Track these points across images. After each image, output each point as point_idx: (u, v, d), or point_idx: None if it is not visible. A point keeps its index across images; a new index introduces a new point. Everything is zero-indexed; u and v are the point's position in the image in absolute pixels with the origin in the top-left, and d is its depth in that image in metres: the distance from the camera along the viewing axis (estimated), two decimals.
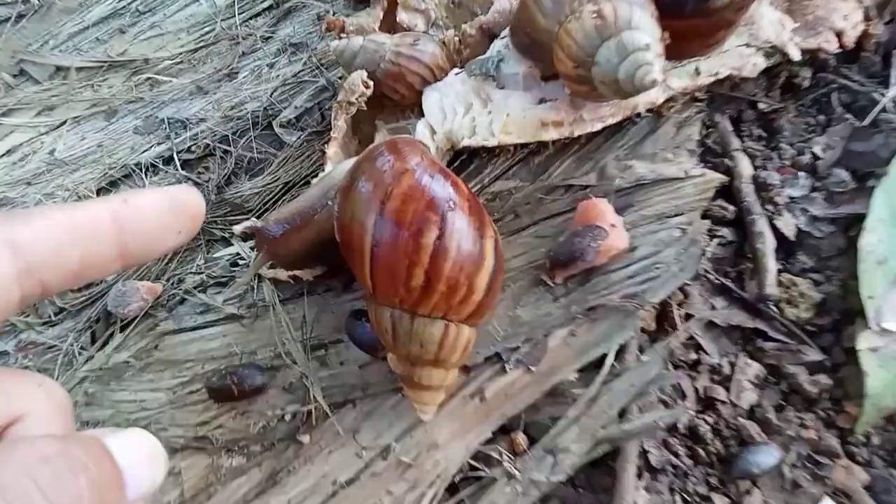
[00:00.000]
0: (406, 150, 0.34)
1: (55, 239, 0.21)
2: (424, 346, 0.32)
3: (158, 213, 0.23)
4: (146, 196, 0.23)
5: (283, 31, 0.50)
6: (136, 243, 0.23)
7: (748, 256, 0.44)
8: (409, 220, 0.30)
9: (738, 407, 0.40)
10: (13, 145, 0.46)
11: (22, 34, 0.50)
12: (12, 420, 0.21)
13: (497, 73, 0.42)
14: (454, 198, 0.31)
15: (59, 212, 0.22)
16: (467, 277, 0.31)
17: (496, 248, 0.33)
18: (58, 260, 0.21)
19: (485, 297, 0.32)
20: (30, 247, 0.20)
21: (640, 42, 0.35)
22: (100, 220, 0.22)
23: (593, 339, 0.38)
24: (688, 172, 0.41)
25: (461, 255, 0.31)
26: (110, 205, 0.22)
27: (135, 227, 0.23)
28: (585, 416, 0.36)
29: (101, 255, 0.22)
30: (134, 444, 0.21)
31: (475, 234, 0.31)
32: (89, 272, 0.22)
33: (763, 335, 0.41)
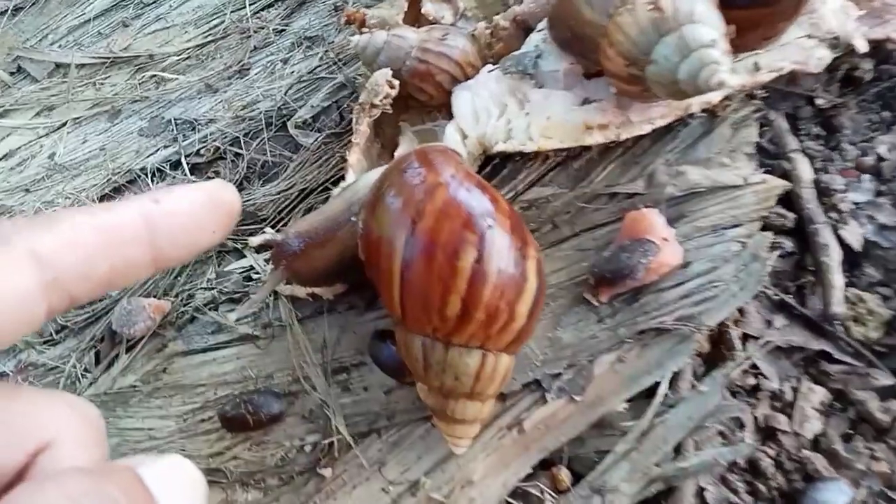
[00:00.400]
0: (438, 160, 0.30)
1: (83, 246, 0.20)
2: (459, 378, 0.29)
3: (193, 211, 0.22)
4: (179, 193, 0.22)
5: (298, 23, 0.46)
6: (169, 245, 0.21)
7: (810, 269, 0.40)
8: (445, 241, 0.27)
9: (801, 437, 0.36)
10: (11, 149, 0.44)
11: (19, 28, 0.47)
12: (41, 447, 0.19)
13: (535, 70, 0.38)
14: (493, 214, 0.28)
15: (86, 215, 0.20)
16: (508, 304, 0.28)
17: (538, 269, 0.29)
18: (87, 269, 0.20)
19: (526, 324, 0.29)
20: (56, 256, 0.19)
21: (704, 38, 0.31)
22: (131, 223, 0.20)
23: (644, 366, 0.34)
24: (747, 179, 0.37)
25: (502, 279, 0.27)
26: (141, 205, 0.21)
27: (168, 229, 0.21)
28: (636, 452, 0.33)
29: (133, 261, 0.21)
30: (172, 474, 0.20)
31: (517, 254, 0.28)
32: (120, 280, 0.21)
33: (828, 357, 0.38)
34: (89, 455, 0.20)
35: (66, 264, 0.19)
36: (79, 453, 0.20)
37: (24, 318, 0.19)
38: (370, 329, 0.36)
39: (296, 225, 0.33)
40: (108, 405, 0.36)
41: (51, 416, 0.20)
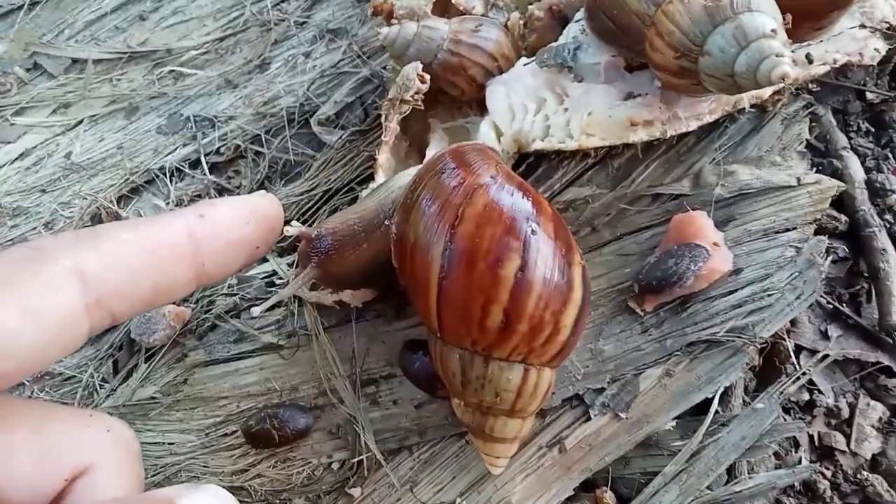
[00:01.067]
0: (477, 160, 0.28)
1: (128, 265, 0.20)
2: (500, 394, 0.27)
3: (237, 226, 0.22)
4: (223, 208, 0.22)
5: (320, 14, 0.44)
6: (213, 262, 0.21)
7: (864, 275, 0.37)
8: (486, 248, 0.25)
9: (859, 456, 0.34)
10: (27, 148, 0.42)
11: (35, 23, 0.45)
12: (78, 473, 0.19)
13: (574, 63, 0.36)
14: (537, 218, 0.26)
15: (131, 232, 0.20)
16: (553, 315, 0.26)
17: (584, 276, 0.27)
18: (131, 288, 0.20)
19: (571, 335, 0.27)
20: (101, 276, 0.19)
21: (765, 27, 0.28)
22: (176, 241, 0.21)
23: (693, 381, 0.32)
24: (801, 179, 0.35)
25: (547, 288, 0.25)
26: (186, 221, 0.21)
27: (212, 245, 0.21)
28: (686, 474, 0.31)
29: (177, 279, 0.21)
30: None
31: (562, 261, 0.26)
32: (162, 298, 0.21)
33: (887, 371, 0.36)
34: (126, 482, 0.20)
35: (111, 284, 0.19)
36: (116, 480, 0.19)
37: (68, 338, 0.19)
38: (400, 339, 0.34)
39: (328, 222, 0.31)
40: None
41: (88, 440, 0.20)
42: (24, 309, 0.17)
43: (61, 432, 0.19)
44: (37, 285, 0.18)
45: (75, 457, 0.19)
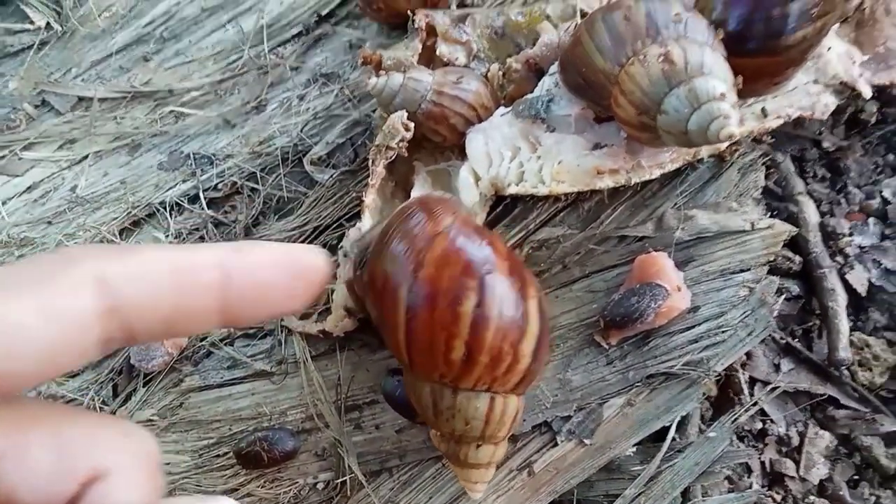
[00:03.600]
0: (438, 209, 0.32)
1: (150, 280, 0.19)
2: (470, 423, 0.30)
3: (274, 271, 0.21)
4: (263, 249, 0.21)
5: (314, 59, 0.48)
6: (241, 301, 0.20)
7: (816, 313, 0.41)
8: (446, 288, 0.29)
9: (807, 482, 0.37)
10: (34, 181, 0.45)
11: (44, 62, 0.49)
12: (94, 477, 0.19)
13: (547, 114, 0.40)
14: (492, 259, 0.30)
15: (159, 252, 0.20)
16: (512, 345, 0.29)
17: (540, 309, 0.31)
18: (150, 303, 0.19)
19: (532, 364, 0.30)
20: (121, 284, 0.18)
21: (714, 91, 0.32)
22: (204, 267, 0.20)
23: (653, 410, 0.35)
24: (754, 224, 0.39)
25: (503, 321, 0.29)
26: (219, 252, 0.20)
27: (243, 283, 0.20)
28: (645, 496, 0.34)
29: (200, 308, 0.20)
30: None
31: (517, 296, 0.29)
32: (183, 325, 0.20)
33: (834, 402, 0.39)
34: (142, 490, 0.19)
35: (129, 294, 0.19)
36: (132, 487, 0.19)
37: (79, 341, 0.18)
38: (383, 367, 0.37)
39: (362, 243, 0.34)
40: None
41: (105, 442, 0.19)
42: (39, 307, 0.17)
43: (79, 435, 0.19)
44: (55, 286, 0.17)
45: (92, 460, 0.19)
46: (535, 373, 0.31)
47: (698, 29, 0.35)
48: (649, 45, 0.34)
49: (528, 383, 0.31)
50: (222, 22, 0.49)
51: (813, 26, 0.37)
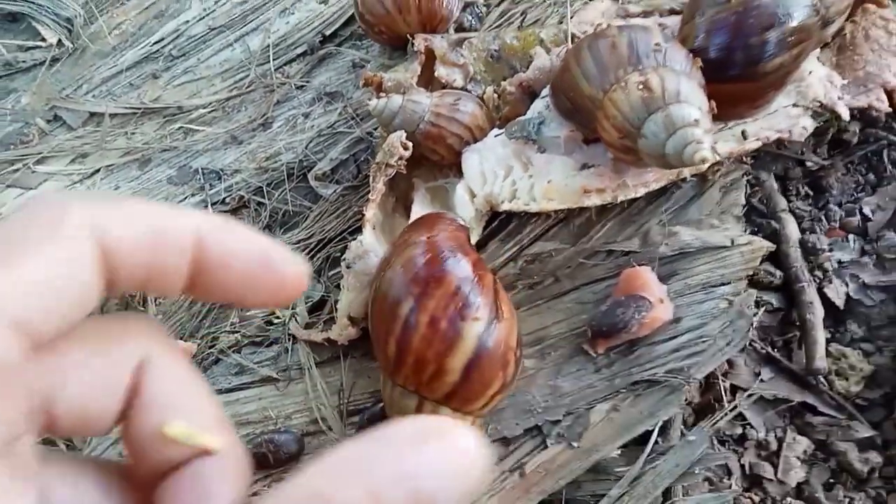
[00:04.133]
0: (425, 225, 0.38)
1: (135, 229, 0.19)
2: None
3: (246, 260, 0.21)
4: (243, 236, 0.21)
5: (318, 78, 0.52)
6: (208, 276, 0.21)
7: (796, 325, 0.45)
8: (396, 290, 0.34)
9: (785, 485, 0.41)
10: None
11: (56, 78, 0.54)
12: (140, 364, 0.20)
13: (538, 136, 0.44)
14: (471, 278, 0.35)
15: (144, 205, 0.20)
16: (436, 356, 0.33)
17: (485, 335, 0.33)
18: (131, 254, 0.19)
19: (462, 381, 0.33)
20: (110, 231, 0.19)
21: (688, 117, 0.37)
22: (182, 230, 0.20)
23: (637, 415, 0.39)
24: (734, 240, 0.43)
25: (431, 331, 0.33)
26: (200, 221, 0.20)
27: (214, 259, 0.21)
28: (628, 496, 0.38)
29: (171, 268, 0.20)
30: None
31: (454, 314, 0.33)
32: (155, 283, 0.21)
33: (812, 409, 0.43)
34: (182, 367, 0.20)
35: (115, 241, 0.19)
36: (173, 366, 0.20)
37: (85, 290, 0.19)
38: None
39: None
40: None
41: (139, 335, 0.20)
42: (58, 261, 0.18)
43: (114, 328, 0.20)
44: (60, 238, 0.18)
45: (134, 350, 0.20)
46: (473, 393, 0.34)
47: (676, 58, 0.39)
48: (630, 73, 0.39)
49: (466, 401, 0.34)
50: (230, 41, 0.54)
51: (790, 53, 0.42)
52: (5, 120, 0.51)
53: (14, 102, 0.51)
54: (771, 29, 0.40)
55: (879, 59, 0.49)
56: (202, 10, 0.54)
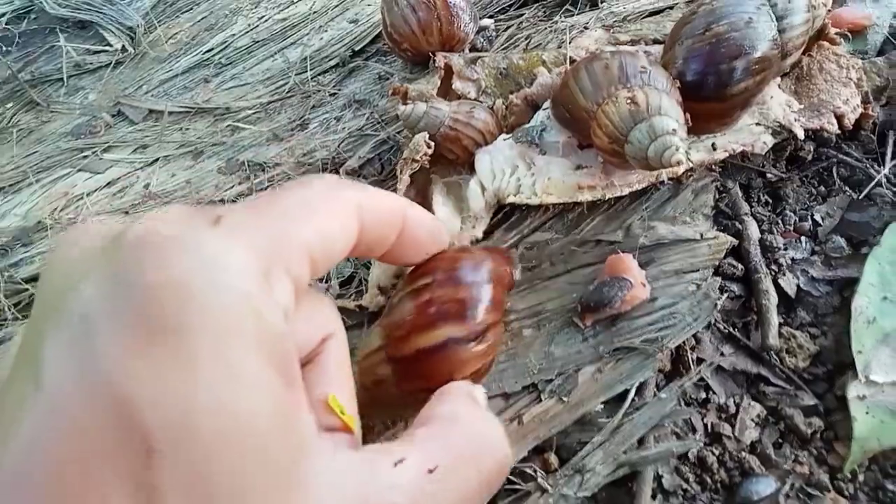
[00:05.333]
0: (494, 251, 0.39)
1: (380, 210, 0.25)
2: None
3: (427, 234, 0.28)
4: (427, 215, 0.28)
5: (349, 87, 0.58)
6: (398, 245, 0.26)
7: (754, 310, 0.50)
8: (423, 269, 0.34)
9: (741, 442, 0.45)
10: (112, 178, 0.54)
11: (119, 79, 0.58)
12: (327, 336, 0.24)
13: (540, 140, 0.50)
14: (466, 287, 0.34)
15: (380, 191, 0.25)
16: (411, 327, 0.33)
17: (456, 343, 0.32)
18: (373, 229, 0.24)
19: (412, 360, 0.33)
20: (364, 211, 0.24)
21: (668, 127, 0.42)
22: (397, 211, 0.26)
23: (617, 377, 0.44)
24: (703, 235, 0.48)
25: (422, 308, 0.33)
26: (405, 204, 0.26)
27: (406, 233, 0.26)
28: (609, 443, 0.42)
29: (385, 240, 0.26)
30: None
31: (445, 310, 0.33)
32: (373, 250, 0.26)
33: (765, 380, 0.46)
34: (344, 350, 0.26)
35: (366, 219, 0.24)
36: (342, 348, 0.26)
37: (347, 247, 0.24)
38: None
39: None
40: None
41: (330, 313, 0.26)
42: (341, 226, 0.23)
43: (317, 306, 0.24)
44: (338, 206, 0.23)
45: (327, 325, 0.24)
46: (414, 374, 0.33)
47: (659, 79, 0.44)
48: (620, 90, 0.44)
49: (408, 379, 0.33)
50: (271, 52, 0.59)
51: (753, 79, 0.46)
52: (75, 113, 0.56)
53: (83, 98, 0.56)
54: (738, 58, 0.44)
55: (831, 88, 0.54)
56: (247, 25, 0.59)
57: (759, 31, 0.44)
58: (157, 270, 0.17)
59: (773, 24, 0.45)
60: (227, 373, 0.17)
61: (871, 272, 0.48)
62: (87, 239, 0.19)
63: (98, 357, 0.16)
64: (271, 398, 0.18)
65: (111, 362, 0.16)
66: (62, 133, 0.55)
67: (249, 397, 0.17)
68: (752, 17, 0.44)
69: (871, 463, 0.43)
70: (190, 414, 0.16)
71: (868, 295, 0.47)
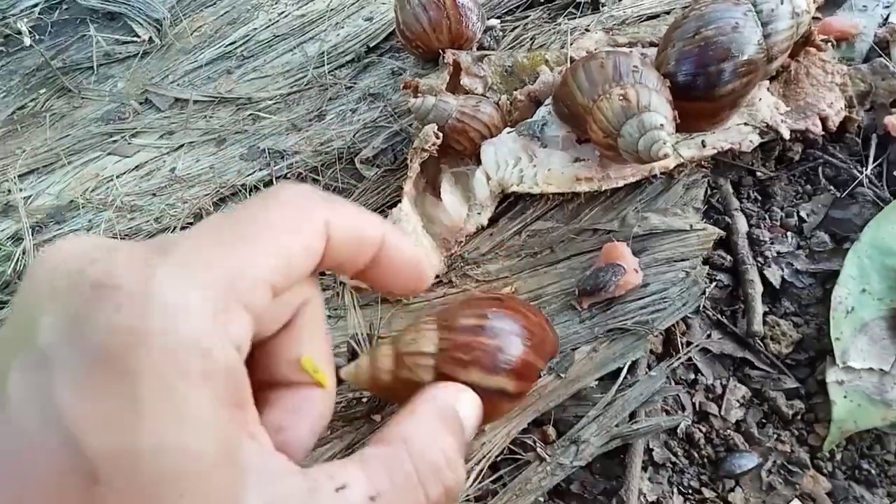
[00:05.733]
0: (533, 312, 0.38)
1: (349, 230, 0.23)
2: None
3: (406, 264, 0.26)
4: (408, 246, 0.26)
5: (364, 81, 0.60)
6: (375, 269, 0.25)
7: (740, 299, 0.52)
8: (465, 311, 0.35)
9: (727, 421, 0.46)
10: (140, 162, 0.56)
11: (146, 69, 0.61)
12: (305, 301, 0.24)
13: (541, 134, 0.52)
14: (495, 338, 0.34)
15: (352, 208, 0.24)
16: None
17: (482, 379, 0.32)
18: (341, 247, 0.23)
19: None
20: (333, 230, 0.23)
21: (656, 122, 0.44)
22: (374, 235, 0.25)
23: (611, 356, 0.46)
24: (693, 226, 0.50)
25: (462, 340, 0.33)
26: (386, 229, 0.25)
27: (385, 258, 0.25)
28: (603, 416, 0.44)
29: (358, 260, 0.24)
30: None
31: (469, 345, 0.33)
32: (344, 268, 0.25)
33: (750, 364, 0.48)
34: (320, 317, 0.26)
35: (334, 237, 0.23)
36: (318, 314, 0.25)
37: (310, 266, 0.22)
38: (411, 317, 0.48)
39: None
40: None
41: (309, 280, 0.24)
42: (304, 246, 0.22)
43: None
44: (306, 228, 0.22)
45: (301, 292, 0.23)
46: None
47: (650, 78, 0.45)
48: (614, 87, 0.45)
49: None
50: (291, 47, 0.61)
51: (740, 81, 0.47)
52: (105, 100, 0.58)
53: (112, 86, 0.58)
54: (726, 61, 0.45)
55: (817, 93, 0.55)
56: (268, 20, 0.62)
57: (745, 35, 0.46)
58: (109, 314, 0.18)
59: (759, 30, 0.47)
60: (172, 414, 0.17)
61: (852, 265, 0.49)
62: (58, 266, 0.19)
63: (53, 391, 0.17)
64: (214, 434, 0.18)
65: (64, 399, 0.17)
66: (92, 118, 0.58)
67: (192, 435, 0.18)
68: (738, 23, 0.46)
69: (849, 443, 0.45)
70: (134, 453, 0.17)
71: (848, 286, 0.49)
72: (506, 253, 0.51)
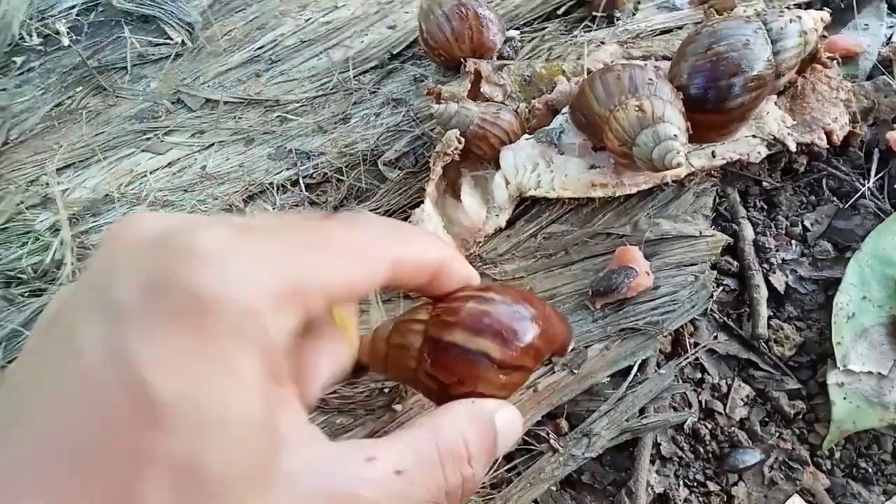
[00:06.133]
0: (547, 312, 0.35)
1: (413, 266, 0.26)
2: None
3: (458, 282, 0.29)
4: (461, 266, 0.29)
5: (387, 87, 0.62)
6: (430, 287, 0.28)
7: (746, 303, 0.53)
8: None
9: (731, 418, 0.47)
10: (173, 159, 0.58)
11: (178, 70, 0.62)
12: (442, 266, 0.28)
13: (558, 141, 0.53)
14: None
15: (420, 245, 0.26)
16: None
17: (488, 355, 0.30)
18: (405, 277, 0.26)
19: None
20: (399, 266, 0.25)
21: (670, 133, 0.45)
22: (429, 264, 0.27)
23: (622, 354, 0.47)
24: (702, 232, 0.51)
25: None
26: (444, 254, 0.28)
27: (438, 280, 0.28)
28: (614, 411, 0.45)
29: (416, 284, 0.27)
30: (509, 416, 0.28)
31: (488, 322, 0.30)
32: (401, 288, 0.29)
33: (754, 365, 0.49)
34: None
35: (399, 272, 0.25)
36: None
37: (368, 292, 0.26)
38: None
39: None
40: None
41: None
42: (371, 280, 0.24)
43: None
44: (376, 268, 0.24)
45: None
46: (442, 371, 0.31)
47: (664, 90, 0.47)
48: (630, 99, 0.46)
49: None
50: (317, 52, 0.63)
51: (750, 95, 0.48)
52: (138, 99, 0.60)
53: (145, 86, 0.60)
54: (736, 76, 0.46)
55: (822, 107, 0.56)
56: (295, 26, 0.63)
57: (755, 52, 0.47)
58: (189, 279, 0.19)
59: (769, 47, 0.49)
60: (228, 371, 0.19)
61: (853, 273, 0.50)
62: (138, 234, 0.21)
63: (125, 341, 0.18)
64: (258, 399, 0.20)
65: (135, 347, 0.18)
66: (127, 116, 0.59)
67: (242, 393, 0.19)
68: (749, 40, 0.48)
69: (847, 443, 0.46)
70: (193, 398, 0.18)
71: (849, 293, 0.51)
72: (522, 254, 0.52)
